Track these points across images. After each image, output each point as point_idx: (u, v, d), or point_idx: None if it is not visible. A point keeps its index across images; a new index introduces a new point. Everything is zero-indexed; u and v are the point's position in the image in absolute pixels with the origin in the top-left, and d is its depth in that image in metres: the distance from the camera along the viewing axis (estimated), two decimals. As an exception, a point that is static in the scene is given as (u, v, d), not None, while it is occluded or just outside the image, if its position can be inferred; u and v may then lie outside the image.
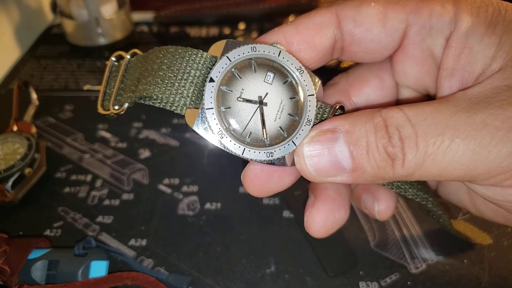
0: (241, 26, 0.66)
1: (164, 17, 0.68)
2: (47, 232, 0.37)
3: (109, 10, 0.59)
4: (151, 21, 0.68)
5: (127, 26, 0.63)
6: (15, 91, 0.47)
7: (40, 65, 0.59)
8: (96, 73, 0.58)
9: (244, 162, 0.22)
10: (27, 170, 0.40)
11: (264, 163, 0.22)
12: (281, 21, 0.64)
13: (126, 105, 0.23)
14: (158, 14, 0.68)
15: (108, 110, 0.24)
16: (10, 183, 0.38)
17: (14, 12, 0.62)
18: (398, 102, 0.28)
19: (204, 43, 0.63)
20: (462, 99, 0.20)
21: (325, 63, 0.26)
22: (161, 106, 0.22)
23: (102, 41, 0.60)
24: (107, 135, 0.47)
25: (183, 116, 0.22)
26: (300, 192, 0.39)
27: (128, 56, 0.25)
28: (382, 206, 0.28)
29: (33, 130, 0.43)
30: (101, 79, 0.60)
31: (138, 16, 0.68)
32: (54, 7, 0.63)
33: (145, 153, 0.45)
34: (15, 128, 0.43)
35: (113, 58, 0.25)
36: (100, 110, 0.24)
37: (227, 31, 0.65)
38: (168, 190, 0.41)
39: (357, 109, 0.25)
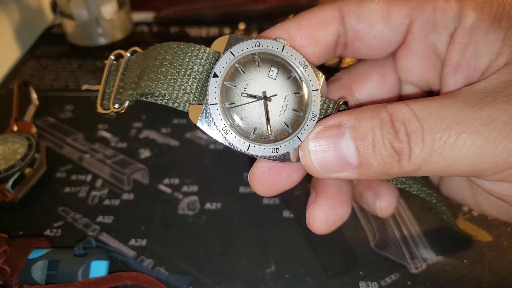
0: (241, 26, 0.66)
1: (164, 17, 0.68)
2: (47, 232, 0.37)
3: (109, 10, 0.59)
4: (151, 21, 0.68)
5: (127, 26, 0.63)
6: (15, 91, 0.46)
7: (40, 65, 0.59)
8: (96, 73, 0.58)
9: (245, 160, 0.22)
10: (27, 170, 0.40)
11: (269, 159, 0.22)
12: (281, 21, 0.64)
13: (127, 103, 0.23)
14: (158, 14, 0.68)
15: (108, 109, 0.24)
16: (10, 183, 0.38)
17: (14, 12, 0.62)
18: (400, 98, 0.28)
19: (205, 43, 0.62)
20: (468, 94, 0.20)
21: (328, 59, 0.26)
22: (163, 103, 0.22)
23: (102, 41, 0.60)
24: (107, 135, 0.47)
25: (183, 116, 0.22)
26: (300, 192, 0.39)
27: (128, 54, 0.25)
28: (383, 203, 0.28)
29: (33, 130, 0.43)
30: (101, 79, 0.60)
31: (138, 16, 0.68)
32: (54, 7, 0.63)
33: (145, 153, 0.45)
34: (15, 128, 0.43)
35: (112, 57, 0.25)
36: (100, 109, 0.24)
37: (227, 31, 0.65)
38: (168, 190, 0.41)
39: (360, 105, 0.25)
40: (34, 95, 0.50)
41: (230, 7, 0.67)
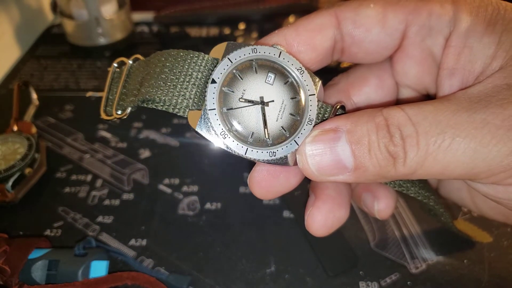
0: (241, 26, 0.66)
1: (164, 17, 0.68)
2: (47, 232, 0.37)
3: (109, 10, 0.59)
4: (151, 21, 0.68)
5: (127, 26, 0.63)
6: (15, 91, 0.47)
7: (40, 65, 0.60)
8: (96, 73, 0.58)
9: (245, 160, 0.22)
10: (27, 170, 0.40)
11: (266, 163, 0.22)
12: (281, 21, 0.64)
13: (129, 109, 0.24)
14: (158, 14, 0.68)
15: (111, 115, 0.24)
16: (10, 183, 0.38)
17: (14, 12, 0.62)
18: (398, 102, 0.28)
19: (205, 43, 0.63)
20: (463, 98, 0.20)
21: (325, 65, 0.26)
22: (163, 109, 0.22)
23: (102, 41, 0.60)
24: (107, 135, 0.47)
25: (183, 117, 0.22)
26: (300, 192, 0.39)
27: (130, 62, 0.25)
28: (382, 205, 0.28)
29: (33, 130, 0.43)
30: (101, 79, 0.60)
31: (138, 16, 0.68)
32: (54, 7, 0.64)
33: (145, 153, 0.45)
34: (15, 128, 0.43)
35: (115, 64, 0.26)
36: (103, 115, 0.25)
37: (227, 31, 0.65)
38: (168, 190, 0.41)
39: (357, 109, 0.25)
40: (34, 95, 0.50)
41: (230, 7, 0.67)
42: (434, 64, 0.25)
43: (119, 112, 0.24)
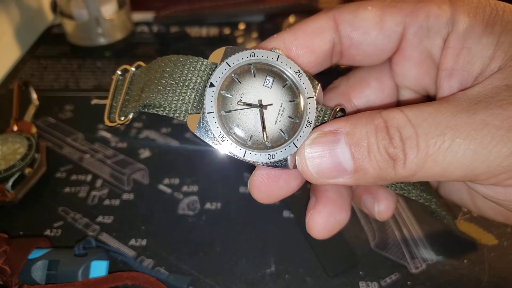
0: (241, 26, 0.66)
1: (164, 17, 0.68)
2: (47, 232, 0.37)
3: (109, 10, 0.59)
4: (151, 21, 0.68)
5: (127, 26, 0.63)
6: (16, 91, 0.47)
7: (40, 65, 0.59)
8: (96, 73, 0.58)
9: (245, 161, 0.22)
10: (27, 170, 0.40)
11: (265, 165, 0.22)
12: (281, 22, 0.64)
13: (131, 115, 0.24)
14: (158, 14, 0.68)
15: (114, 122, 0.25)
16: (10, 183, 0.38)
17: (14, 12, 0.62)
18: (398, 104, 0.28)
19: (204, 44, 0.63)
20: (462, 99, 0.20)
21: (324, 68, 0.26)
22: (164, 114, 0.23)
23: (102, 41, 0.60)
24: (107, 135, 0.47)
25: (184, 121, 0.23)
26: (300, 192, 0.39)
27: (133, 69, 0.25)
28: (382, 207, 0.28)
29: (33, 130, 0.43)
30: (101, 79, 0.60)
31: (138, 16, 0.68)
32: (54, 7, 0.64)
33: (145, 153, 0.45)
34: (15, 128, 0.43)
35: (118, 72, 0.26)
36: (107, 122, 0.25)
37: (227, 31, 0.65)
38: (168, 190, 0.41)
39: (357, 111, 0.25)
40: (34, 95, 0.50)
41: (230, 7, 0.67)
42: (433, 65, 0.25)
43: (122, 118, 0.24)
